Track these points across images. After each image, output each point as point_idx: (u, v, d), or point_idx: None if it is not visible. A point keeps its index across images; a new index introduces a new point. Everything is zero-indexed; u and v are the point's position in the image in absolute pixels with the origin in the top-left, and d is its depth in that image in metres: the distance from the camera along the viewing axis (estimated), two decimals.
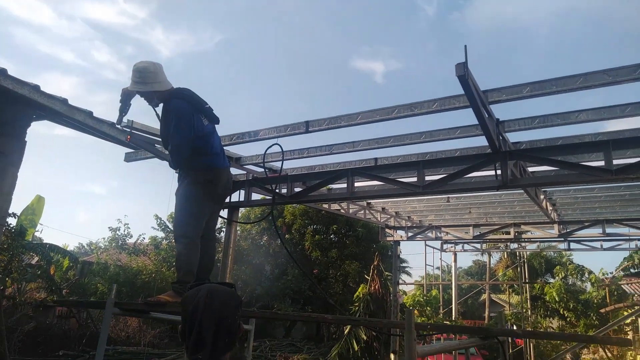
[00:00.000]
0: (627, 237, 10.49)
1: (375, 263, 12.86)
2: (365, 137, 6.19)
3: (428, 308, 13.97)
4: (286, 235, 22.91)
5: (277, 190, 5.77)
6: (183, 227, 4.53)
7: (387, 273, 12.91)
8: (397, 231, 11.75)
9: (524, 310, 16.73)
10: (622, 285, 17.04)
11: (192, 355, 1.62)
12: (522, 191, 7.86)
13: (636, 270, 21.98)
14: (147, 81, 4.35)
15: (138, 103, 4.59)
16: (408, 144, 5.71)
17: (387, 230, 11.57)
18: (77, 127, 5.90)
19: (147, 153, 5.96)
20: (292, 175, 5.80)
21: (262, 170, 6.34)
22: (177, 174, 4.88)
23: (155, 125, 5.16)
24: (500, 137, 4.95)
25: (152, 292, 15.46)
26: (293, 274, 22.43)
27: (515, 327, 15.66)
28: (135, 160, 6.21)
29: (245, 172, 6.68)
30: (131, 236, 19.43)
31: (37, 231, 13.91)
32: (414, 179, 5.17)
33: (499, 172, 4.72)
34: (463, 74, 3.51)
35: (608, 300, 17.12)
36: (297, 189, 6.01)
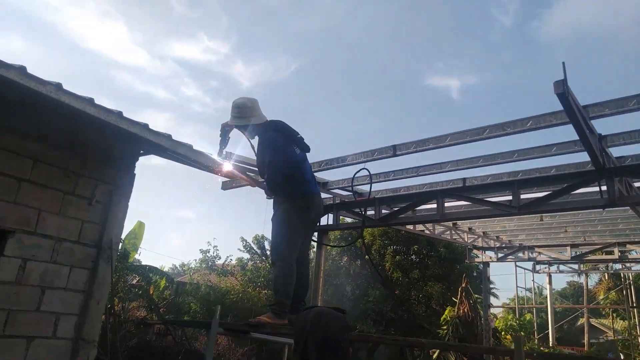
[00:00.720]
0: None
1: (463, 285, 12.39)
2: (452, 157, 6.11)
3: (522, 333, 13.12)
4: (366, 257, 22.82)
5: (365, 213, 5.85)
6: (280, 251, 4.74)
7: (475, 295, 12.36)
8: (486, 252, 11.28)
9: (633, 337, 15.14)
10: None
11: None
12: (626, 208, 7.28)
13: None
14: (245, 115, 4.69)
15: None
16: (499, 163, 5.56)
17: (474, 251, 11.15)
18: (178, 160, 6.45)
19: (241, 182, 6.34)
20: (380, 198, 5.87)
21: (349, 194, 6.48)
22: (271, 201, 5.15)
23: (250, 155, 5.50)
24: (604, 153, 4.68)
25: (239, 311, 16.09)
26: (374, 295, 22.17)
27: (622, 357, 14.19)
28: (232, 189, 6.62)
29: (331, 197, 6.86)
30: (220, 258, 20.42)
31: (137, 254, 15.10)
32: (509, 198, 5.01)
33: (604, 189, 4.46)
34: (562, 91, 3.41)
35: None
36: (384, 211, 6.06)
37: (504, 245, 11.12)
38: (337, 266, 24.25)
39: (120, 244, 11.88)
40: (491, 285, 26.45)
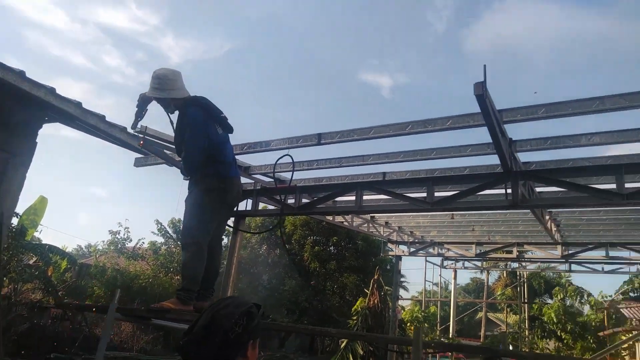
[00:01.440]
0: (629, 261, 10.46)
1: (375, 277, 12.79)
2: (376, 151, 6.19)
3: (426, 325, 13.85)
4: (286, 246, 22.86)
5: (285, 201, 5.75)
6: (191, 234, 4.51)
7: (386, 287, 12.83)
8: (399, 246, 11.71)
9: (522, 330, 16.62)
10: (622, 309, 16.98)
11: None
12: (526, 211, 7.88)
13: (636, 295, 21.88)
14: (165, 88, 4.36)
15: (154, 109, 4.60)
16: (419, 160, 5.71)
17: (389, 244, 11.53)
18: (88, 131, 5.90)
19: (157, 159, 5.95)
20: (301, 187, 5.80)
21: (270, 180, 6.33)
22: (187, 181, 4.87)
23: (168, 132, 5.17)
24: (512, 157, 4.96)
25: (148, 297, 15.36)
26: (290, 285, 22.33)
27: (511, 347, 15.51)
28: (145, 166, 6.20)
29: (253, 182, 6.67)
30: (130, 240, 19.36)
31: (37, 232, 13.83)
32: (424, 195, 5.16)
33: (509, 191, 4.72)
34: (481, 93, 3.52)
35: (606, 324, 17.02)
36: (305, 200, 6.00)
37: (416, 241, 11.60)
38: (256, 254, 24.05)
39: (16, 219, 10.78)
40: (402, 279, 27.77)
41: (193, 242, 4.46)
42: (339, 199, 6.86)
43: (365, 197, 5.92)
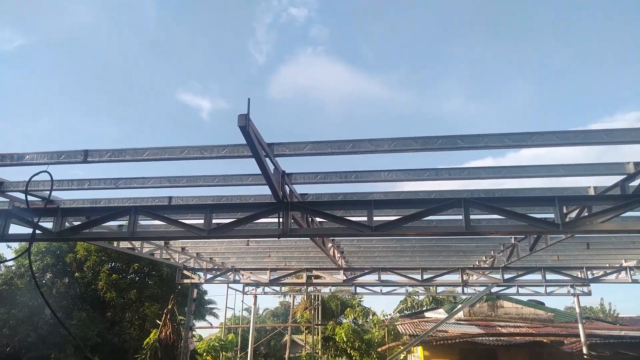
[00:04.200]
0: (399, 284, 12.06)
1: (169, 306, 12.08)
2: (159, 174, 5.90)
3: (223, 353, 13.60)
4: (76, 274, 20.18)
5: (37, 223, 5.01)
6: None
7: (180, 317, 12.23)
8: (197, 273, 11.34)
9: (315, 350, 17.63)
10: (398, 326, 19.47)
11: None
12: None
13: (409, 312, 25.43)
14: None
15: None
16: (202, 186, 5.63)
17: (185, 272, 11.07)
18: None
19: None
20: (64, 209, 5.12)
21: (35, 199, 5.48)
22: None
23: None
24: (287, 188, 5.25)
25: None
26: (80, 318, 19.66)
27: None
28: None
29: (8, 201, 5.68)
30: None
31: None
32: (201, 222, 5.07)
33: (282, 220, 4.96)
34: (244, 124, 3.62)
35: (386, 340, 19.30)
36: (77, 223, 5.32)
37: (215, 267, 11.41)
38: (39, 284, 20.60)
39: None
40: (212, 306, 27.06)
41: None
42: (116, 223, 6.31)
43: (146, 222, 5.55)
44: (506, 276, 10.47)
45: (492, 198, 4.83)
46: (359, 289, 14.17)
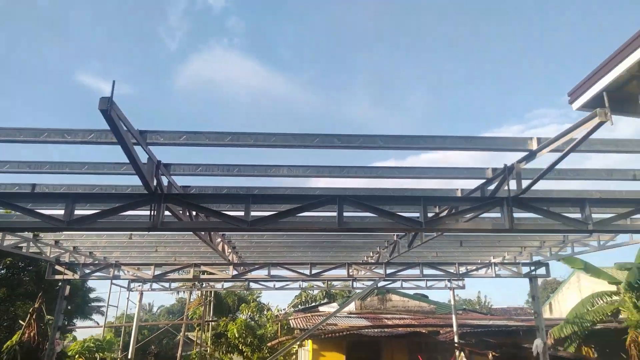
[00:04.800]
0: (289, 279, 12.21)
1: (36, 305, 10.98)
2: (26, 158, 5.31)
3: (100, 354, 12.70)
4: None
5: None
6: None
7: (49, 317, 11.18)
8: (75, 268, 10.44)
9: (205, 348, 17.22)
10: (290, 320, 19.73)
11: None
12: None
13: (304, 307, 25.91)
14: None
15: None
16: (67, 173, 5.17)
17: (57, 267, 10.14)
18: None
19: None
20: None
21: None
22: None
23: None
24: (165, 179, 5.02)
25: None
26: None
27: None
28: None
29: None
30: None
31: None
32: (61, 212, 4.64)
33: (154, 213, 4.72)
34: (106, 108, 3.37)
35: (279, 335, 19.45)
36: None
37: (96, 262, 10.61)
38: None
39: None
40: (100, 304, 25.15)
41: None
42: None
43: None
44: (389, 271, 11.08)
45: (364, 196, 5.05)
46: (252, 285, 14.11)
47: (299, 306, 25.44)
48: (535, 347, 10.39)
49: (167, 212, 5.04)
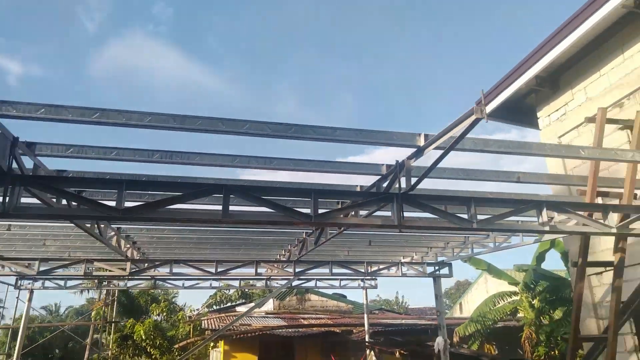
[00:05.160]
0: (192, 277, 11.71)
1: None
2: None
3: None
4: None
5: None
6: None
7: None
8: None
9: (106, 350, 16.14)
10: (203, 321, 19.03)
11: None
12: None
13: (219, 307, 25.19)
14: None
15: None
16: None
17: None
18: None
19: None
20: None
21: None
22: None
23: None
24: (33, 161, 4.47)
25: None
26: None
27: None
28: None
29: None
30: None
31: None
32: None
33: (8, 198, 4.15)
34: None
35: (191, 335, 18.68)
36: None
37: None
38: None
39: None
40: None
41: None
42: None
43: None
44: (298, 269, 10.93)
45: (252, 187, 4.80)
46: (160, 283, 13.36)
47: (214, 306, 24.67)
48: (437, 345, 10.71)
49: (36, 200, 4.49)
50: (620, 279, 5.84)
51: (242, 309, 22.10)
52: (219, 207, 4.59)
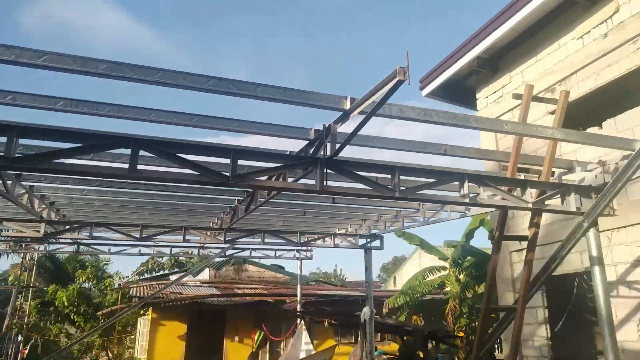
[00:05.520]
0: (114, 242, 11.17)
1: None
2: None
3: None
4: None
5: None
6: None
7: None
8: None
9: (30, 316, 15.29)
10: (133, 289, 18.41)
11: None
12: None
13: (152, 275, 24.52)
14: None
15: None
16: None
17: None
18: None
19: None
20: None
21: None
22: None
23: None
24: None
25: None
26: None
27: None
28: None
29: None
30: None
31: None
32: None
33: None
34: None
35: (119, 303, 18.05)
36: None
37: None
38: None
39: None
40: None
41: None
42: None
43: None
44: (228, 237, 10.68)
45: (164, 142, 4.45)
46: (83, 249, 12.67)
47: (146, 274, 23.96)
48: (363, 314, 10.94)
49: None
50: (532, 252, 6.09)
51: (175, 277, 21.60)
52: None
